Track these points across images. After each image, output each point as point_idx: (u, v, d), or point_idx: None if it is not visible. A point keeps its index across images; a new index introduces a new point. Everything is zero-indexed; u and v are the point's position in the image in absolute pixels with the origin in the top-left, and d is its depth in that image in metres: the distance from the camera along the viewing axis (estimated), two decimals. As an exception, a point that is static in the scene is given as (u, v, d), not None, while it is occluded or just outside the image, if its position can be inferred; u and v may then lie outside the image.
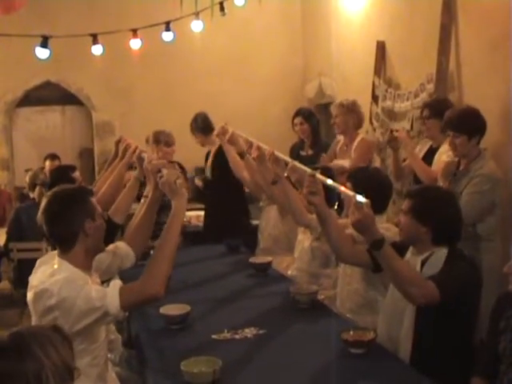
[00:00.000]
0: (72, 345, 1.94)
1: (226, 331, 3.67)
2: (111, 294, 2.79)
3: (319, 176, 3.60)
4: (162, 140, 6.86)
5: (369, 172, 4.65)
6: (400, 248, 3.56)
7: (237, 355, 3.35)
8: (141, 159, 4.02)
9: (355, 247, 3.73)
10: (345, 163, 6.11)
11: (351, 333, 3.40)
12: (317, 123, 7.00)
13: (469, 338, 3.39)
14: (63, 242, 2.99)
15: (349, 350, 3.31)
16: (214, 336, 3.59)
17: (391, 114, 6.96)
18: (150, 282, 2.84)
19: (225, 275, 5.02)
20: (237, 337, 3.64)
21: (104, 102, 9.33)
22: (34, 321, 2.92)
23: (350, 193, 3.31)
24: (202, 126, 6.74)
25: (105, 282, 3.30)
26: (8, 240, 6.45)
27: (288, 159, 4.33)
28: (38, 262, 3.15)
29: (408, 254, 3.55)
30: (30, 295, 2.89)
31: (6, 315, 6.64)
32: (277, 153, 4.46)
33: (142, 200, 3.69)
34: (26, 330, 1.88)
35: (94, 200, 3.09)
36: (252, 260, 5.13)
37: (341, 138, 6.43)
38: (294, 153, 7.14)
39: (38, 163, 8.34)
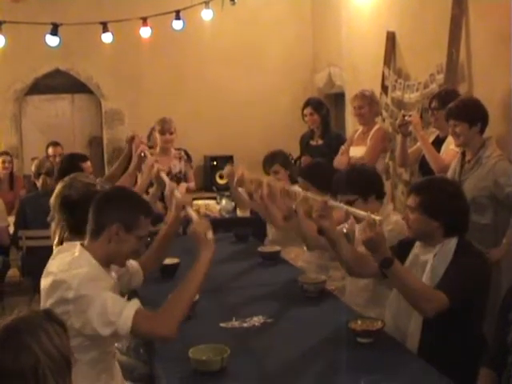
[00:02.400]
0: (67, 331, 1.92)
1: (234, 319, 3.70)
2: (126, 315, 2.70)
3: (332, 202, 3.65)
4: (155, 128, 6.88)
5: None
6: (406, 245, 3.59)
7: (245, 343, 3.38)
8: (159, 177, 4.09)
9: (366, 263, 3.71)
10: (361, 150, 6.17)
11: (359, 322, 3.42)
12: (327, 113, 7.01)
13: (478, 329, 3.40)
14: (92, 231, 2.95)
15: (356, 339, 3.34)
16: (222, 324, 3.62)
17: (401, 105, 6.97)
18: (165, 322, 2.74)
19: (233, 264, 5.04)
20: (245, 325, 3.67)
21: (113, 91, 9.35)
22: (42, 307, 2.87)
23: (363, 213, 3.33)
24: None
25: None
26: (16, 229, 6.48)
27: (299, 189, 4.33)
28: (56, 249, 3.15)
29: (416, 249, 3.57)
30: (46, 281, 2.86)
31: (15, 303, 6.68)
32: (287, 186, 4.49)
33: (163, 225, 3.66)
34: (19, 323, 1.82)
35: (145, 221, 2.98)
36: (260, 249, 5.17)
37: (360, 127, 6.44)
38: (304, 142, 7.17)
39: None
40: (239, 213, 7.14)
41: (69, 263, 2.84)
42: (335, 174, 4.88)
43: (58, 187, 4.03)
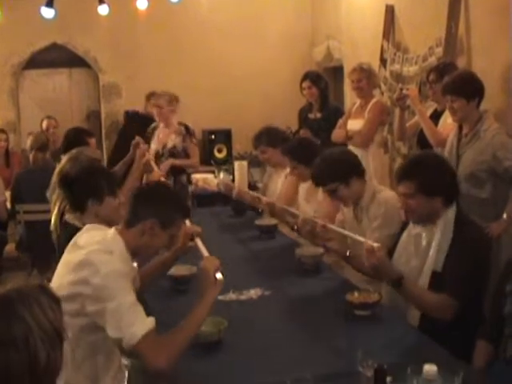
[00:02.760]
0: (61, 306, 1.90)
1: (231, 292, 3.72)
2: (135, 331, 2.63)
3: (330, 225, 3.68)
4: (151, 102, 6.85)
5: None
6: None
7: (242, 316, 3.39)
8: (149, 165, 4.01)
9: None
10: (358, 124, 6.15)
11: (356, 295, 3.43)
12: (325, 86, 6.97)
13: (479, 303, 3.39)
14: (128, 220, 2.96)
15: (354, 311, 3.35)
16: (219, 297, 3.58)
17: (399, 78, 6.92)
18: (166, 356, 2.63)
19: (230, 237, 5.06)
20: (242, 298, 3.69)
21: (111, 64, 9.28)
22: (60, 275, 2.89)
23: (362, 239, 3.33)
24: None
25: None
26: (12, 204, 6.47)
27: (297, 212, 4.31)
28: (85, 227, 3.13)
29: (417, 229, 3.55)
30: (73, 255, 2.84)
31: (13, 277, 6.65)
32: (285, 207, 4.48)
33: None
34: (13, 293, 1.80)
35: (180, 222, 3.07)
36: (258, 222, 5.17)
37: (357, 100, 6.42)
38: (302, 116, 7.14)
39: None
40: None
41: (99, 242, 2.85)
42: (318, 147, 4.96)
43: (64, 160, 4.09)
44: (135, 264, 3.07)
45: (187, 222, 3.44)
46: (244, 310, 3.51)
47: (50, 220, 5.19)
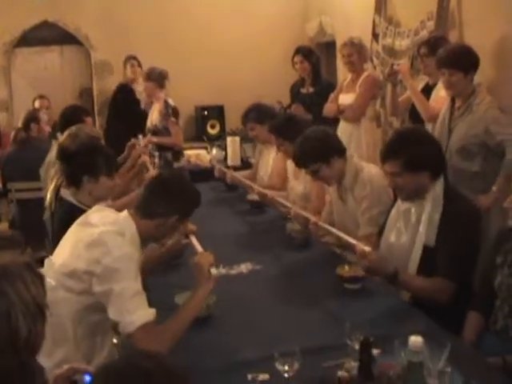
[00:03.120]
0: (44, 283, 1.91)
1: (221, 267, 3.68)
2: (134, 320, 2.62)
3: (321, 224, 3.65)
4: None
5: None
6: None
7: (232, 290, 3.37)
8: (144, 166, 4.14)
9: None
10: (350, 98, 6.11)
11: (346, 268, 3.42)
12: (317, 61, 6.93)
13: (469, 276, 3.37)
14: (147, 211, 2.94)
15: (344, 285, 3.33)
16: (209, 271, 3.60)
17: (391, 52, 6.87)
18: (159, 345, 2.59)
19: (222, 212, 5.05)
20: (232, 272, 3.68)
21: (102, 42, 9.18)
22: (69, 252, 2.86)
23: (353, 241, 3.29)
24: None
25: None
26: (3, 182, 6.43)
27: (289, 205, 4.26)
28: (96, 206, 3.13)
29: (406, 205, 3.52)
30: (85, 231, 2.83)
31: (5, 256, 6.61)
32: (279, 199, 4.44)
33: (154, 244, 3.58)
34: None
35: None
36: (249, 197, 5.14)
37: (349, 75, 6.37)
38: (294, 90, 7.10)
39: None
40: (229, 162, 7.09)
41: (112, 223, 2.84)
42: (304, 124, 4.89)
43: (64, 136, 4.11)
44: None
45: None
46: (234, 285, 3.49)
47: (42, 198, 5.20)
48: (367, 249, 3.18)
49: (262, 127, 5.54)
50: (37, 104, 8.04)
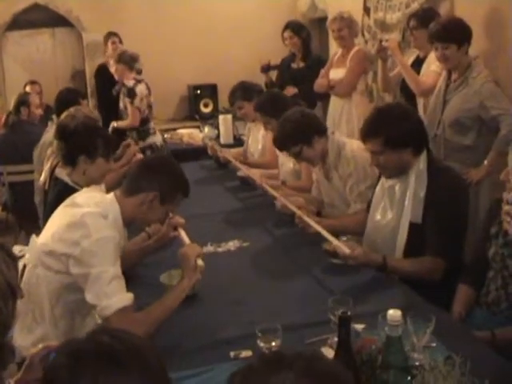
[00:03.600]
0: (17, 264, 1.89)
1: (209, 244, 3.66)
2: (111, 304, 2.57)
3: (305, 218, 3.59)
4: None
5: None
6: None
7: (218, 268, 3.32)
8: None
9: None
10: (340, 73, 6.05)
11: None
12: (307, 36, 6.89)
13: (459, 250, 3.32)
14: (129, 188, 2.92)
15: (331, 260, 3.27)
16: (196, 250, 3.55)
17: (383, 26, 6.80)
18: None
19: (212, 189, 5.01)
20: (219, 250, 3.64)
21: (94, 23, 9.06)
22: (49, 229, 2.85)
23: (336, 241, 3.21)
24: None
25: None
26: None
27: (277, 196, 4.15)
28: (85, 189, 3.14)
29: (390, 181, 3.45)
30: (70, 211, 2.80)
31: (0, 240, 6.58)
32: (267, 187, 4.34)
33: (143, 234, 3.52)
34: None
35: (180, 200, 3.01)
36: (239, 173, 5.09)
37: (339, 50, 6.30)
38: (285, 65, 7.05)
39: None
40: (222, 140, 7.02)
41: (97, 204, 2.81)
42: (288, 101, 4.90)
43: (63, 116, 4.13)
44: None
45: (171, 214, 3.31)
46: (220, 263, 3.45)
47: (33, 181, 5.18)
48: (348, 251, 3.09)
49: (250, 104, 5.48)
50: (28, 89, 7.95)
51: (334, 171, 4.06)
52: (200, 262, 2.77)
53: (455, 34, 4.38)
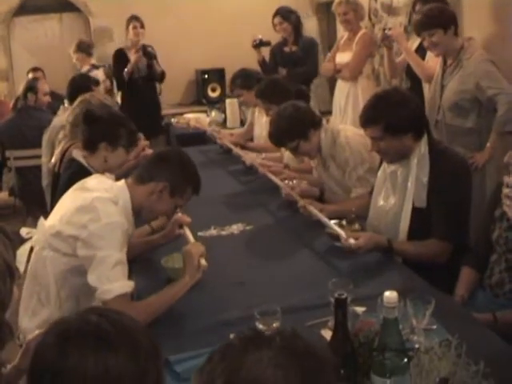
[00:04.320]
0: (14, 245, 1.93)
1: (212, 228, 3.66)
2: (112, 288, 2.59)
3: (310, 207, 3.59)
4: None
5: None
6: None
7: (221, 251, 3.33)
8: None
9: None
10: (347, 56, 6.03)
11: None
12: (296, 20, 6.92)
13: (463, 232, 3.31)
14: (140, 176, 2.94)
15: (334, 243, 3.27)
16: (200, 233, 3.55)
17: (390, 9, 6.78)
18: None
19: (216, 173, 5.00)
20: (223, 233, 3.63)
21: (101, 7, 9.04)
22: (59, 211, 2.87)
23: (341, 232, 3.20)
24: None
25: None
26: (2, 150, 6.41)
27: (280, 183, 4.15)
28: (96, 174, 3.16)
29: (392, 166, 3.42)
30: (80, 195, 2.82)
31: (8, 225, 6.60)
32: (270, 175, 4.35)
33: (147, 227, 3.50)
34: None
35: (190, 195, 3.00)
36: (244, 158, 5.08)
37: (345, 33, 6.27)
38: (277, 51, 7.06)
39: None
40: (229, 124, 7.03)
41: (107, 190, 2.84)
42: (288, 86, 4.89)
43: (78, 101, 4.21)
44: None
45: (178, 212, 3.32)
46: (223, 246, 3.45)
47: (40, 166, 5.19)
48: (352, 241, 3.10)
49: (249, 93, 5.52)
50: (30, 76, 7.91)
51: (331, 160, 4.05)
52: (203, 261, 2.77)
53: (438, 18, 4.35)
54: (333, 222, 3.34)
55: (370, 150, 3.45)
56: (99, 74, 6.76)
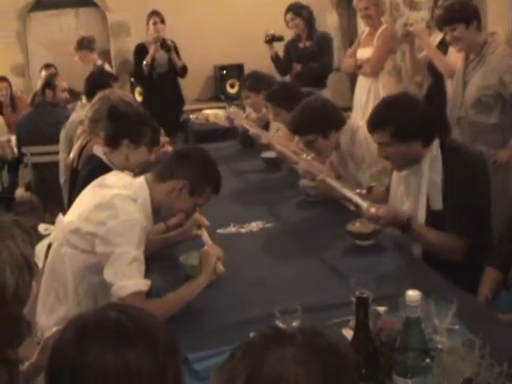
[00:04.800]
0: (33, 240, 1.94)
1: (231, 225, 3.68)
2: (128, 285, 2.61)
3: (328, 179, 3.60)
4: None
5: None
6: None
7: (240, 249, 3.35)
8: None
9: None
10: (368, 52, 6.01)
11: (357, 224, 3.35)
12: (309, 15, 6.93)
13: (486, 230, 3.29)
14: (161, 174, 2.95)
15: (355, 242, 3.28)
16: (219, 230, 3.58)
17: (412, 4, 6.78)
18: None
19: (235, 170, 5.00)
20: (242, 231, 3.64)
21: (118, 2, 9.06)
22: (78, 207, 2.90)
23: (359, 200, 3.21)
24: None
25: None
26: (18, 146, 6.47)
27: (297, 158, 4.14)
28: (115, 171, 3.20)
29: (404, 172, 3.39)
30: (99, 194, 2.83)
31: (25, 222, 6.64)
32: (286, 151, 4.37)
33: (162, 224, 3.47)
34: None
35: (209, 194, 3.00)
36: (264, 155, 5.10)
37: (366, 28, 6.26)
38: (291, 46, 7.09)
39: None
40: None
41: (126, 187, 2.86)
42: (300, 92, 4.84)
43: (97, 97, 4.21)
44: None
45: (197, 214, 3.34)
46: (242, 244, 3.47)
47: (57, 162, 5.23)
48: (373, 210, 3.09)
49: (256, 96, 5.50)
50: (43, 73, 7.96)
51: (350, 158, 4.02)
52: (220, 266, 2.81)
53: (460, 13, 4.33)
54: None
55: (378, 155, 3.43)
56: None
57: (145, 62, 7.42)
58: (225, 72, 9.08)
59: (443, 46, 5.00)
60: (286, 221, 3.81)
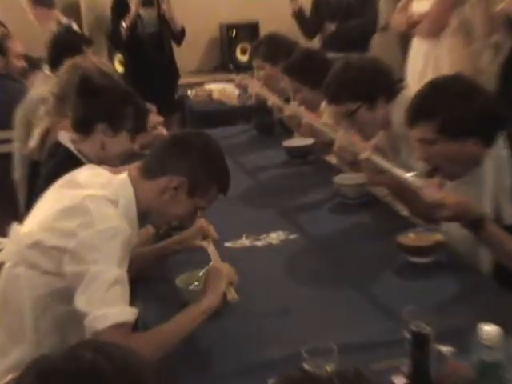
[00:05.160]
0: None
1: (244, 237, 3.69)
2: (106, 314, 2.56)
3: (375, 157, 3.58)
4: None
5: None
6: None
7: (255, 267, 3.37)
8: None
9: None
10: (427, 4, 5.95)
11: (411, 236, 3.34)
12: None
13: None
14: (149, 168, 2.95)
15: (408, 258, 3.28)
16: (227, 244, 3.59)
17: None
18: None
19: (250, 163, 5.05)
20: (258, 244, 3.66)
21: None
22: (40, 212, 2.89)
23: (418, 181, 3.20)
24: None
25: None
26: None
27: (333, 133, 4.15)
28: (89, 165, 3.22)
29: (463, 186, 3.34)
30: (69, 195, 2.82)
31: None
32: (315, 123, 4.44)
33: (149, 228, 3.51)
34: None
35: (215, 195, 2.99)
36: (287, 143, 5.11)
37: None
38: None
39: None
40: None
41: (104, 186, 2.85)
42: (329, 62, 4.79)
43: (65, 67, 4.25)
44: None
45: (203, 221, 3.38)
46: (259, 261, 3.49)
47: (10, 154, 5.24)
48: (439, 196, 3.03)
49: (272, 68, 5.56)
50: None
51: (404, 141, 3.91)
52: (233, 292, 2.80)
53: None
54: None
55: (417, 158, 3.40)
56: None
57: (124, 25, 7.39)
58: (234, 33, 9.11)
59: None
60: (316, 231, 3.83)
